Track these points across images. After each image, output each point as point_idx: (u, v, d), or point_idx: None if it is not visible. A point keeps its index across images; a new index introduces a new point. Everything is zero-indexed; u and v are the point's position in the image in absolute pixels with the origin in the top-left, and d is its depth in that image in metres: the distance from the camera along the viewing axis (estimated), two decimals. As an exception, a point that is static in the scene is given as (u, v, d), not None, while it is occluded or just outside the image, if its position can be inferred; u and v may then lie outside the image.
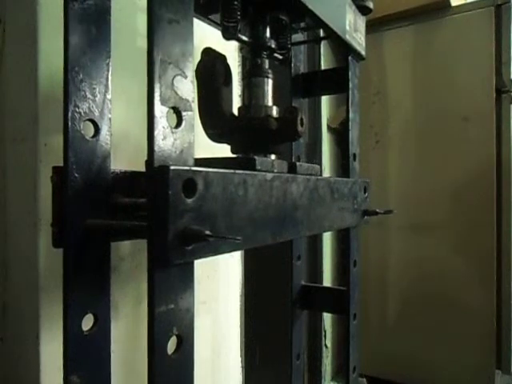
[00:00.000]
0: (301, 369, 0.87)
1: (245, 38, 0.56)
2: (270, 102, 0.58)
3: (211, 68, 0.54)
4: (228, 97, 0.56)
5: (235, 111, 0.58)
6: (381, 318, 1.59)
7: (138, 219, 0.42)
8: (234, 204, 0.39)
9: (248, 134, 0.56)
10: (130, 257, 0.65)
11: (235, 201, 0.39)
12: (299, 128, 0.52)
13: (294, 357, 0.84)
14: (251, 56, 0.59)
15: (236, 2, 0.51)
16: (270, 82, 0.58)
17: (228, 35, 0.53)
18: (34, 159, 0.54)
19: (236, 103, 0.63)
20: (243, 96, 0.59)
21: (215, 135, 0.57)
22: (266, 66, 0.59)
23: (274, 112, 0.57)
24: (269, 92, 0.58)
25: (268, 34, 0.59)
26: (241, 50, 0.95)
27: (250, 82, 0.58)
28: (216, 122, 0.55)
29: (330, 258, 1.62)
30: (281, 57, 0.63)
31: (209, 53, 0.55)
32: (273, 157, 0.57)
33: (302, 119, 0.52)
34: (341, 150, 1.68)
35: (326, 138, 1.58)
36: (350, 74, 0.73)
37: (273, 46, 0.59)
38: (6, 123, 0.58)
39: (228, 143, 0.59)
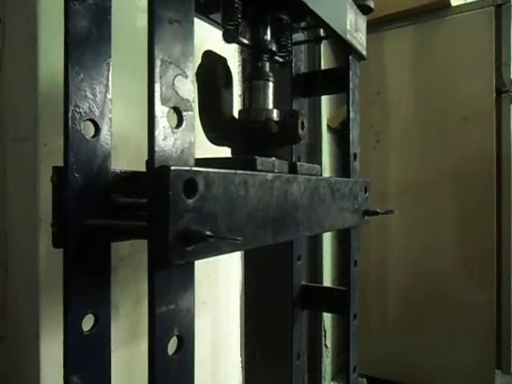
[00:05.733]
0: (301, 369, 0.87)
1: (245, 41, 0.56)
2: (270, 105, 0.58)
3: (212, 71, 0.54)
4: (228, 99, 0.56)
5: (235, 113, 0.58)
6: (381, 317, 1.58)
7: (138, 219, 0.42)
8: (234, 204, 0.39)
9: (248, 138, 0.56)
10: (129, 257, 0.65)
11: (236, 201, 0.39)
12: (300, 131, 0.52)
13: (294, 357, 0.84)
14: (252, 59, 0.59)
15: (236, 4, 0.51)
16: (271, 85, 0.58)
17: (229, 38, 0.53)
18: (34, 159, 0.54)
19: (236, 103, 0.63)
20: (244, 99, 0.59)
21: (216, 138, 0.57)
22: (267, 69, 0.59)
23: (275, 115, 0.57)
24: (269, 95, 0.58)
25: (269, 36, 0.59)
26: (241, 52, 0.94)
27: (251, 85, 0.58)
28: (216, 124, 0.55)
29: (330, 258, 1.61)
30: (281, 59, 0.63)
31: (209, 55, 0.55)
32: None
33: (302, 123, 0.52)
34: (341, 150, 1.68)
35: (326, 138, 1.58)
36: (350, 73, 0.73)
37: (273, 48, 0.59)
38: (6, 123, 0.58)
39: (228, 146, 0.59)
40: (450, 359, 1.44)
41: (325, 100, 1.58)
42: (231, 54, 0.91)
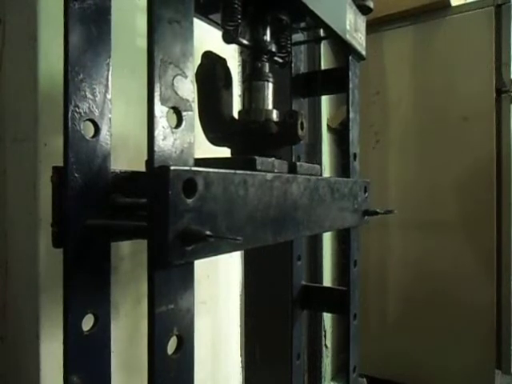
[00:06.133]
0: (301, 369, 0.87)
1: (245, 42, 0.56)
2: (270, 106, 0.58)
3: (211, 71, 0.54)
4: (228, 100, 0.56)
5: (235, 114, 0.58)
6: (381, 317, 1.58)
7: (138, 219, 0.42)
8: (234, 204, 0.39)
9: (248, 138, 0.56)
10: (129, 257, 0.65)
11: (235, 201, 0.39)
12: (299, 132, 0.52)
13: (294, 357, 0.84)
14: (251, 60, 0.59)
15: (236, 5, 0.51)
16: (271, 85, 0.58)
17: (228, 39, 0.53)
18: (34, 159, 0.54)
19: (236, 103, 0.63)
20: (243, 99, 0.59)
21: (215, 139, 0.57)
22: (267, 70, 0.59)
23: (274, 116, 0.57)
24: (269, 96, 0.58)
25: (268, 36, 0.59)
26: (241, 53, 0.95)
27: (250, 85, 0.58)
28: (216, 125, 0.55)
29: (330, 258, 1.61)
30: (281, 60, 0.63)
31: (209, 56, 0.55)
32: (273, 157, 0.57)
33: (302, 123, 0.52)
34: (341, 150, 1.68)
35: (326, 138, 1.58)
36: (350, 73, 0.73)
37: (273, 49, 0.59)
38: (6, 123, 0.58)
39: (228, 146, 0.59)
40: (450, 359, 1.44)
41: (325, 100, 1.58)
42: (231, 55, 0.91)
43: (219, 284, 0.90)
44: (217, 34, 0.57)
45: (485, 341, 1.37)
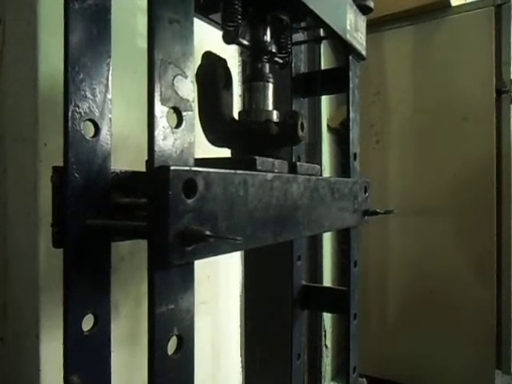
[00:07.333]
0: (301, 369, 0.87)
1: (245, 42, 0.56)
2: (270, 107, 0.58)
3: (211, 72, 0.54)
4: (228, 101, 0.56)
5: (236, 114, 0.58)
6: (381, 318, 1.58)
7: (138, 219, 0.42)
8: (234, 204, 0.39)
9: (248, 139, 0.56)
10: (129, 257, 0.65)
11: (236, 201, 0.39)
12: (300, 133, 0.52)
13: (294, 357, 0.84)
14: (251, 60, 0.58)
15: (236, 5, 0.51)
16: (271, 86, 0.58)
17: (228, 39, 0.53)
18: (34, 159, 0.54)
19: (236, 103, 0.63)
20: (243, 100, 0.59)
21: (215, 139, 0.57)
22: (267, 70, 0.59)
23: (275, 116, 0.57)
24: (269, 96, 0.58)
25: (268, 37, 0.59)
26: (241, 54, 0.94)
27: (251, 86, 0.58)
28: (216, 126, 0.55)
29: (330, 258, 1.61)
30: (281, 60, 0.63)
31: (209, 56, 0.55)
32: (273, 157, 0.57)
33: (302, 124, 0.52)
34: (341, 150, 1.68)
35: (326, 138, 1.58)
36: (350, 73, 0.73)
37: (273, 50, 0.59)
38: (6, 123, 0.58)
39: (228, 147, 0.59)
40: (450, 359, 1.44)
41: (325, 100, 1.58)
42: (231, 55, 0.91)
43: (219, 284, 0.90)
44: (217, 34, 0.57)
45: (485, 341, 1.37)
